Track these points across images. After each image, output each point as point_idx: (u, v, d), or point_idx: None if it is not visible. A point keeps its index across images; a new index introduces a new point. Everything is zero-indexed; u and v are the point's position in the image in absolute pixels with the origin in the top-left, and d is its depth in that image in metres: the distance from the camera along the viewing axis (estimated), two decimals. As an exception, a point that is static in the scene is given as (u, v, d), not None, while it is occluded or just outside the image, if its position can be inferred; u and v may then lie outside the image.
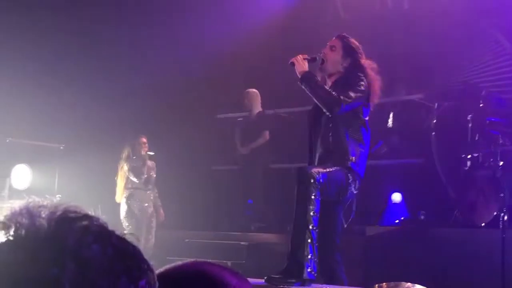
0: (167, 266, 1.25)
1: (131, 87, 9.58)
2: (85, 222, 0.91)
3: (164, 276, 1.20)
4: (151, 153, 8.64)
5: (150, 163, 8.71)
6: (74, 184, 8.80)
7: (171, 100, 9.94)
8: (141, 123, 9.39)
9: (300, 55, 5.09)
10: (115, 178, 8.67)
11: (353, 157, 4.97)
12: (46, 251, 0.85)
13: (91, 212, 0.95)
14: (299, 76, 5.01)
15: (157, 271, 1.22)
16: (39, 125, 8.78)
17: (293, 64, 5.06)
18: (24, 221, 0.88)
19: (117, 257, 0.89)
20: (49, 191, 8.35)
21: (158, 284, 1.18)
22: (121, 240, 0.93)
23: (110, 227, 0.94)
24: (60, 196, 8.25)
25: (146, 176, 8.56)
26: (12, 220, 0.89)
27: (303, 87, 5.00)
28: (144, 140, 8.65)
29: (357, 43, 5.19)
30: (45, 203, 0.93)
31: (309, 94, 4.99)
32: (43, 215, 0.90)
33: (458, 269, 6.36)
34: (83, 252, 0.86)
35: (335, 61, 5.11)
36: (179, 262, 1.25)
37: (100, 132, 9.31)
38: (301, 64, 5.03)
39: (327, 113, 4.94)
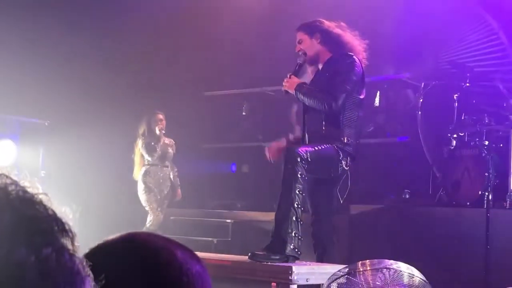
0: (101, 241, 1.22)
1: (121, 62, 9.43)
2: None
3: (94, 251, 1.18)
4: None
5: (168, 140, 8.44)
6: (60, 161, 8.75)
7: (161, 78, 9.85)
8: (130, 102, 9.27)
9: (286, 78, 5.19)
10: (132, 155, 8.41)
11: (346, 138, 5.01)
12: None
13: (8, 175, 0.83)
14: (294, 92, 5.12)
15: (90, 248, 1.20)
16: (24, 100, 8.69)
17: (287, 92, 5.13)
18: None
19: (17, 224, 0.77)
20: (33, 167, 8.31)
21: (91, 259, 1.14)
22: (26, 202, 0.81)
23: (23, 186, 0.82)
24: (44, 172, 8.21)
25: (160, 153, 8.27)
26: None
27: (300, 99, 5.12)
28: (161, 116, 8.37)
29: (311, 20, 5.35)
30: None
31: (305, 102, 5.09)
32: None
33: (442, 248, 6.40)
34: None
35: (309, 46, 5.23)
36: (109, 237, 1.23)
37: (87, 109, 9.22)
38: (291, 83, 5.12)
39: (326, 112, 5.02)
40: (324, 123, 5.05)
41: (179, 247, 1.20)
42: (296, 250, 4.69)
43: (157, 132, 8.28)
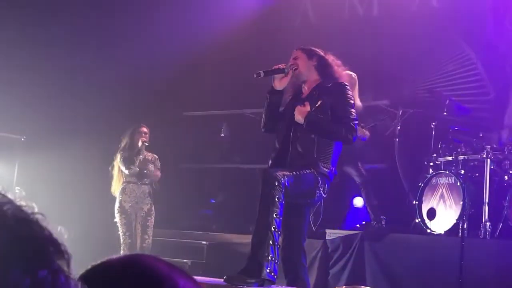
0: (98, 262, 1.19)
1: (100, 79, 9.38)
2: None
3: (93, 271, 1.16)
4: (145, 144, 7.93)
5: (150, 155, 8.05)
6: (35, 177, 8.66)
7: (140, 96, 9.82)
8: (107, 119, 9.21)
9: (299, 106, 5.06)
10: (110, 168, 8.01)
11: (332, 165, 4.99)
12: None
13: (4, 193, 0.82)
14: (303, 121, 4.98)
15: (88, 267, 1.17)
16: (0, 115, 8.62)
17: (258, 74, 5.11)
18: None
19: (12, 244, 0.75)
20: (8, 183, 8.21)
21: (87, 280, 1.12)
22: (22, 221, 0.78)
23: (18, 205, 0.80)
24: (19, 188, 8.11)
25: (137, 169, 7.85)
26: None
27: (308, 126, 4.98)
28: (145, 129, 7.95)
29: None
30: None
31: (312, 130, 4.98)
32: None
33: (416, 276, 6.41)
34: None
35: (305, 65, 5.20)
36: (113, 256, 1.21)
37: (64, 125, 9.17)
38: (303, 111, 5.01)
39: (347, 144, 5.03)
40: (316, 148, 4.98)
41: (183, 276, 1.19)
42: (272, 274, 4.66)
43: (139, 144, 7.87)
